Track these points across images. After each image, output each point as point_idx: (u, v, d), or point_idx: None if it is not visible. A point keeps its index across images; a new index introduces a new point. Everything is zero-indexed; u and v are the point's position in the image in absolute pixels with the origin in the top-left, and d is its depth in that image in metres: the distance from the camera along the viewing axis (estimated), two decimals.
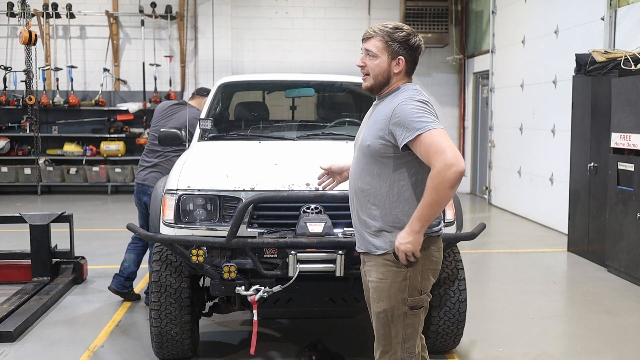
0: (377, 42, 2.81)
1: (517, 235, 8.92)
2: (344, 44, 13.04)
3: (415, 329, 2.89)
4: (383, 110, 2.82)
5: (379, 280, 2.86)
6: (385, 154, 2.79)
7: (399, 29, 2.82)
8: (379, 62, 2.82)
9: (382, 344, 2.89)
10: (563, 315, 5.58)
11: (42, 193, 12.62)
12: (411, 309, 2.84)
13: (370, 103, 5.67)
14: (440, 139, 2.63)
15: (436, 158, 2.61)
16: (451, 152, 2.60)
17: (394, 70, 2.83)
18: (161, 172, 5.42)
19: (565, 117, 8.20)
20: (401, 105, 2.74)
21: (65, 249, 6.19)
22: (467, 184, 13.14)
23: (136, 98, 12.94)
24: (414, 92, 2.81)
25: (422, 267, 2.84)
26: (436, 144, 2.62)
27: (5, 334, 4.66)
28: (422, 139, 2.65)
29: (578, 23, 8.42)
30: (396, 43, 2.80)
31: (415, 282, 2.84)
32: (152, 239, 3.91)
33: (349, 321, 5.00)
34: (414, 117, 2.68)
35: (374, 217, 2.84)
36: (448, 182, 2.59)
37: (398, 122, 2.72)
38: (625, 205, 6.44)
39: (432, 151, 2.63)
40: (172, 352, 4.17)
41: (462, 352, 4.55)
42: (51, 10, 12.54)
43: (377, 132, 2.80)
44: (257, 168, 4.11)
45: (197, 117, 5.30)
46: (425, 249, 2.81)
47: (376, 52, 2.82)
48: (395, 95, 2.83)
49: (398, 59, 2.82)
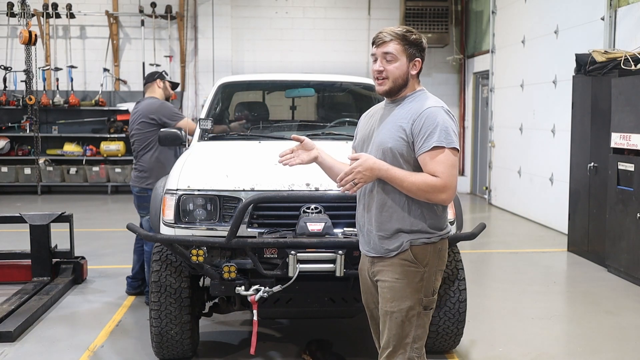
0: (397, 46, 2.86)
1: (517, 235, 8.92)
2: (344, 44, 13.04)
3: (425, 330, 2.90)
4: (403, 112, 2.86)
5: (395, 280, 2.85)
6: (407, 156, 2.82)
7: (411, 32, 2.89)
8: (399, 64, 2.86)
9: (393, 344, 2.87)
10: (563, 315, 5.59)
11: (42, 193, 12.62)
12: (424, 309, 2.86)
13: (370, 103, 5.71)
14: (454, 162, 2.76)
15: (443, 176, 2.72)
16: (454, 183, 2.76)
17: (412, 72, 2.90)
18: (137, 169, 5.60)
19: (565, 117, 8.20)
20: (429, 111, 2.80)
21: (65, 249, 6.19)
22: (467, 184, 13.14)
23: (136, 98, 12.84)
24: (437, 100, 2.88)
25: (435, 268, 2.87)
26: (449, 165, 2.74)
27: (5, 334, 4.66)
28: (438, 152, 2.73)
29: (578, 23, 8.42)
30: (412, 46, 2.87)
31: (430, 283, 2.87)
32: (152, 239, 3.91)
33: (349, 321, 5.00)
34: (441, 128, 2.75)
35: (392, 219, 2.85)
36: (430, 196, 2.74)
37: (423, 127, 2.77)
38: (625, 205, 6.44)
39: (442, 167, 2.73)
40: (172, 352, 4.17)
41: (462, 352, 4.55)
42: (51, 10, 12.54)
43: (398, 133, 2.82)
44: (257, 168, 4.11)
45: (154, 106, 5.55)
46: (439, 250, 2.88)
47: (396, 55, 2.86)
48: (413, 99, 2.89)
49: (415, 61, 2.89)
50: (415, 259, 2.82)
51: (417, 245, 2.83)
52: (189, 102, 13.12)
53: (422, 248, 2.83)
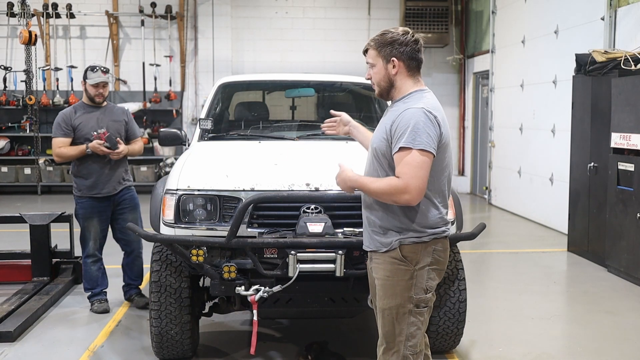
0: (371, 51, 2.93)
1: (517, 235, 8.92)
2: (344, 44, 13.04)
3: (419, 328, 2.91)
4: (392, 114, 2.89)
5: (385, 277, 2.90)
6: (388, 156, 2.84)
7: (387, 32, 2.91)
8: (377, 69, 2.93)
9: (386, 341, 2.92)
10: (563, 315, 5.59)
11: (42, 193, 12.62)
12: (416, 307, 2.88)
13: (370, 103, 5.72)
14: (421, 164, 2.73)
15: (404, 177, 2.73)
16: (418, 184, 2.72)
17: (392, 73, 2.89)
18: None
19: (565, 117, 8.20)
20: (407, 112, 2.80)
21: (65, 249, 6.19)
22: (467, 184, 13.14)
23: (136, 98, 12.94)
24: (426, 101, 2.85)
25: (428, 266, 2.88)
26: (413, 166, 2.73)
27: (5, 334, 4.66)
28: (405, 153, 2.74)
29: (578, 23, 8.41)
30: (386, 46, 2.88)
31: (422, 281, 2.87)
32: (152, 239, 3.91)
33: (349, 321, 5.00)
34: (412, 130, 2.74)
35: (381, 217, 2.91)
36: (394, 198, 2.77)
37: (398, 128, 2.79)
38: (625, 205, 6.44)
39: (406, 168, 2.73)
40: (172, 352, 4.17)
41: (462, 352, 4.55)
42: (51, 10, 12.54)
43: (383, 134, 2.87)
44: (257, 168, 4.11)
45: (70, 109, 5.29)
46: (432, 249, 2.89)
47: (372, 61, 2.94)
48: (405, 101, 2.89)
49: (392, 61, 2.88)
50: (405, 257, 2.85)
51: (406, 244, 2.86)
52: (189, 102, 13.12)
53: (412, 247, 2.86)
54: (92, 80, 5.22)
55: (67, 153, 5.22)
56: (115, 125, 5.34)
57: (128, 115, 5.54)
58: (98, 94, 5.26)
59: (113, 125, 5.31)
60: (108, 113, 5.36)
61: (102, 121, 5.27)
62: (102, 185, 5.26)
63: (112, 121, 5.33)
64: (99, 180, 5.25)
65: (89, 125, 5.23)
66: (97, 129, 5.23)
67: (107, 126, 5.27)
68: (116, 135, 5.27)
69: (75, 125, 5.23)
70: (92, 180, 5.24)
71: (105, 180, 5.27)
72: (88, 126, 5.22)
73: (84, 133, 5.22)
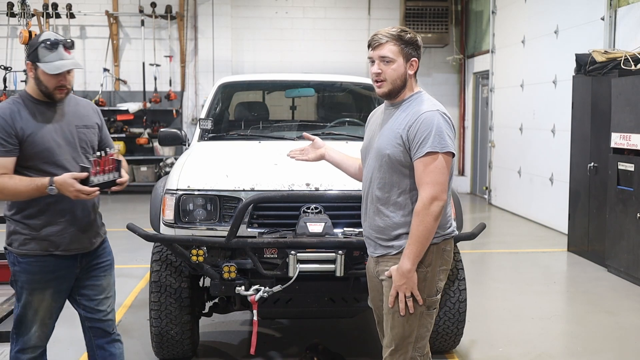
0: (393, 47, 2.82)
1: (517, 235, 8.92)
2: (344, 44, 13.04)
3: (428, 329, 2.90)
4: (401, 118, 2.83)
5: None
6: (404, 162, 2.80)
7: (405, 31, 2.86)
8: (396, 66, 2.83)
9: (395, 342, 2.88)
10: (563, 315, 5.59)
11: None
12: (427, 308, 2.86)
13: (370, 103, 5.71)
14: (446, 166, 2.73)
15: (426, 187, 2.71)
16: (442, 188, 2.72)
17: (410, 72, 2.86)
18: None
19: (565, 117, 8.20)
20: (425, 115, 2.76)
21: None
22: (467, 184, 13.14)
23: (136, 98, 12.94)
24: (433, 103, 2.84)
25: (439, 268, 2.87)
26: (436, 173, 2.71)
27: (5, 334, 4.65)
28: (432, 158, 2.71)
29: (578, 23, 8.42)
30: (408, 45, 2.84)
31: (434, 282, 2.86)
32: (152, 239, 3.91)
33: (349, 321, 5.00)
34: (436, 133, 2.73)
35: (392, 224, 2.85)
36: (435, 214, 2.72)
37: (418, 133, 2.75)
38: (625, 205, 6.44)
39: (428, 177, 2.72)
40: (172, 352, 4.17)
41: (462, 352, 4.55)
42: (51, 10, 12.53)
43: (396, 139, 2.80)
44: (257, 168, 4.11)
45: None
46: (442, 250, 2.87)
47: (393, 57, 2.82)
48: (411, 102, 2.86)
49: (412, 61, 2.86)
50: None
51: None
52: (189, 102, 13.12)
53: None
54: (50, 67, 3.10)
55: (12, 187, 2.92)
56: (87, 133, 3.23)
57: (100, 115, 3.44)
58: (60, 88, 3.13)
59: (83, 133, 3.21)
60: (72, 114, 3.20)
61: (66, 127, 3.13)
62: (72, 237, 3.13)
63: (82, 127, 3.21)
64: (67, 229, 3.12)
65: (46, 135, 3.03)
66: (60, 138, 3.07)
67: (75, 135, 3.16)
68: (88, 150, 3.21)
69: (23, 136, 2.98)
70: (57, 228, 3.08)
71: (79, 228, 3.17)
72: (45, 138, 3.03)
73: (38, 150, 3.00)
